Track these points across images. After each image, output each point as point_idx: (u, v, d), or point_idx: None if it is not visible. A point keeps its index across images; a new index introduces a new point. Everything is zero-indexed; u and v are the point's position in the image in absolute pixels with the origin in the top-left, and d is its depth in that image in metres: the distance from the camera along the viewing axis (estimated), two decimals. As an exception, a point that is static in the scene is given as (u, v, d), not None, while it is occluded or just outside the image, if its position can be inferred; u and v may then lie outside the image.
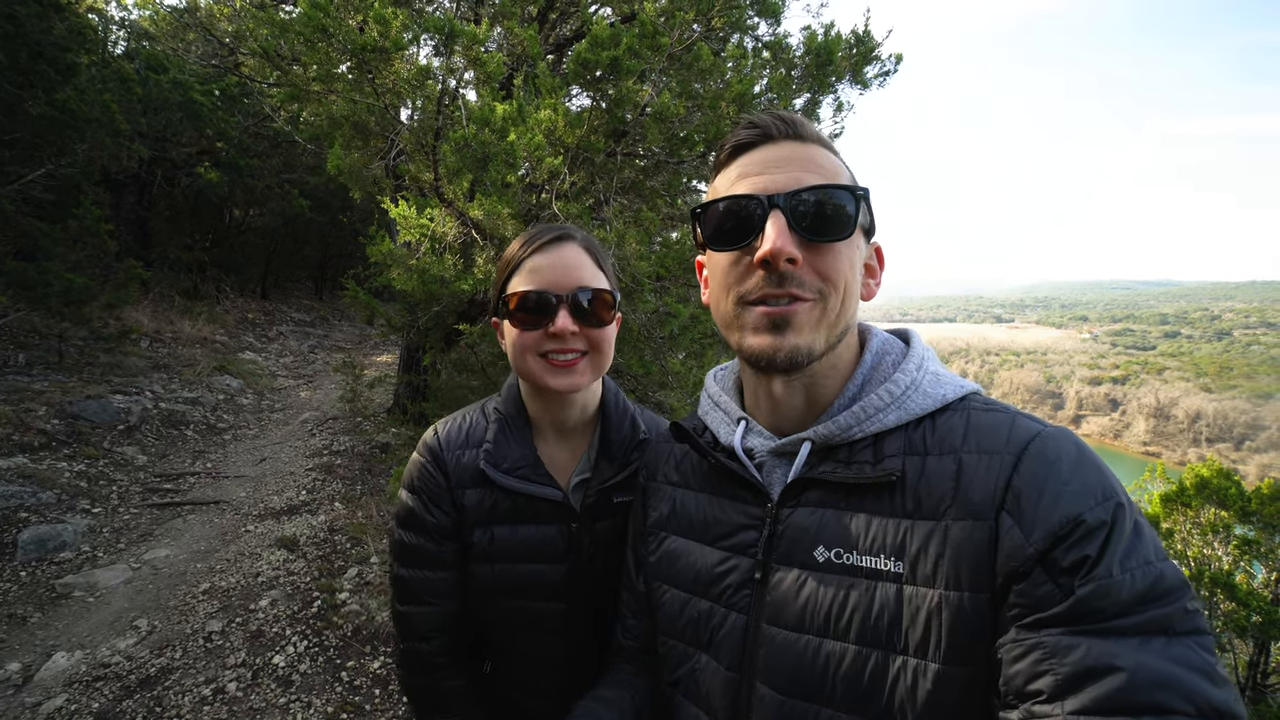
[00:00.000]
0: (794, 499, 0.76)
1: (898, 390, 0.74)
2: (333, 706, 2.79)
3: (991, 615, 0.61)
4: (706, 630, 0.80)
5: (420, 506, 1.04)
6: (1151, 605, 0.55)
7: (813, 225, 0.71)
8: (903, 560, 0.66)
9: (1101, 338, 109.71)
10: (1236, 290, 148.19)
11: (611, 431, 1.10)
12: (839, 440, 0.74)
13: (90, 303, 6.26)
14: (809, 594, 0.71)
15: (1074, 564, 0.57)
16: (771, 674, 0.72)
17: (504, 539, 1.03)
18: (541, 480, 1.04)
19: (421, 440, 1.10)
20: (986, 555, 0.62)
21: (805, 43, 3.97)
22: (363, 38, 2.87)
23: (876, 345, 0.81)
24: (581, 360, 1.00)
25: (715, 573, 0.80)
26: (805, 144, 0.75)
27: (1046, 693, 0.55)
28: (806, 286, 0.72)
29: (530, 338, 0.99)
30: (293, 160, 11.37)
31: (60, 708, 2.60)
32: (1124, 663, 0.52)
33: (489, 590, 1.05)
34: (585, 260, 1.02)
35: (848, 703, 0.67)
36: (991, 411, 0.71)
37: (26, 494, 4.12)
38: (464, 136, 2.87)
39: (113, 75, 7.83)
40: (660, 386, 4.44)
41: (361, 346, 12.39)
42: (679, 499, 0.90)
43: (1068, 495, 0.60)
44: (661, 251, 4.01)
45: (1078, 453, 0.63)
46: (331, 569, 3.85)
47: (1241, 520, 6.56)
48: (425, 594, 1.05)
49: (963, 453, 0.67)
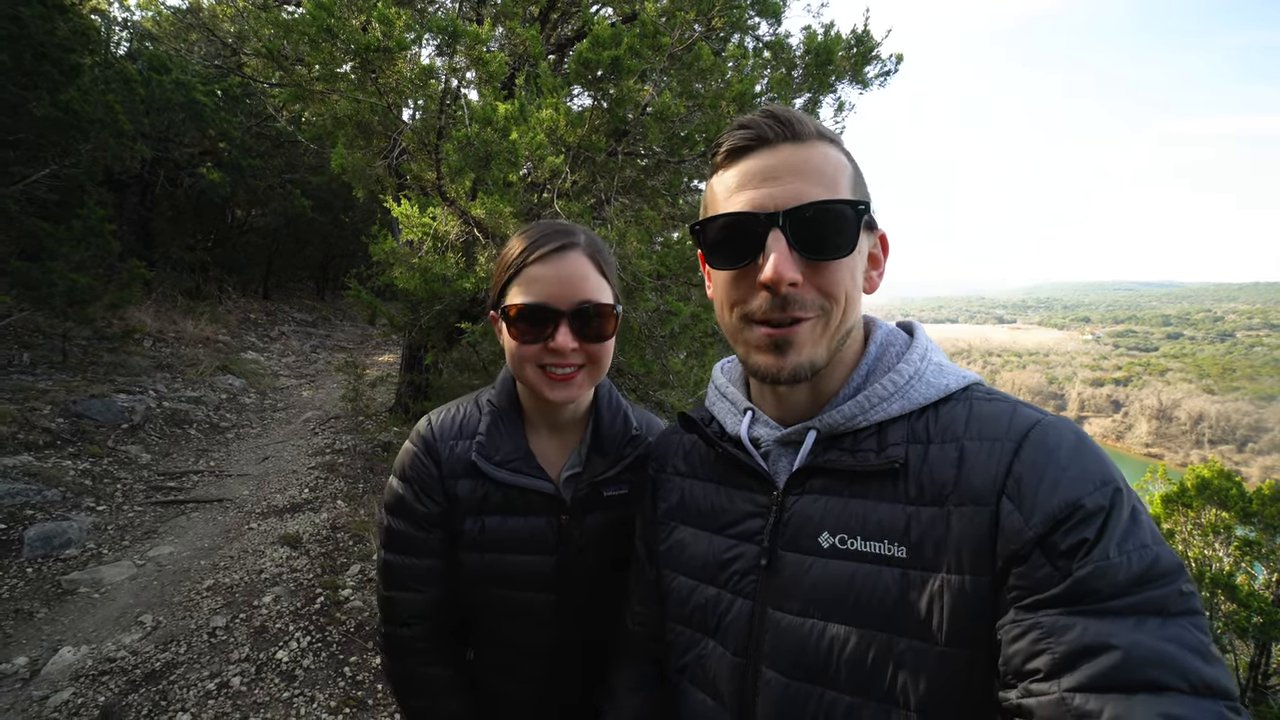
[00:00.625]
0: (799, 487, 0.77)
1: (901, 380, 0.75)
2: (335, 701, 2.81)
3: (992, 598, 0.62)
4: (714, 616, 0.81)
5: (410, 495, 1.05)
6: (1147, 587, 0.56)
7: (813, 244, 0.71)
8: (906, 545, 0.67)
9: (1104, 339, 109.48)
10: (1239, 291, 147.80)
11: (604, 427, 1.11)
12: (843, 429, 0.76)
13: (94, 302, 6.28)
14: (814, 579, 0.72)
15: (1072, 547, 0.58)
16: (777, 658, 0.74)
17: (494, 529, 1.04)
18: (533, 473, 1.04)
19: (415, 429, 1.10)
20: (987, 539, 0.63)
21: (805, 42, 3.98)
22: (366, 38, 2.90)
23: (881, 336, 0.82)
24: (579, 374, 1.00)
25: (722, 559, 0.82)
26: (803, 145, 0.73)
27: (1044, 671, 0.56)
28: (808, 306, 0.72)
29: (530, 350, 0.98)
30: (295, 160, 11.40)
31: (67, 701, 2.62)
32: (1119, 641, 0.54)
33: (477, 579, 1.06)
34: (589, 270, 1.00)
35: (852, 685, 0.68)
36: (993, 401, 0.72)
37: (32, 492, 4.14)
38: (466, 135, 2.89)
39: (116, 76, 7.86)
40: (661, 385, 4.46)
41: (364, 346, 12.42)
42: (687, 489, 0.92)
43: (1067, 481, 0.61)
44: (663, 251, 4.03)
45: (1077, 440, 0.65)
46: (334, 566, 3.88)
47: (1243, 521, 6.55)
48: (410, 580, 1.06)
49: (965, 440, 0.69)
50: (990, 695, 0.62)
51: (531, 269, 0.98)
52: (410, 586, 1.06)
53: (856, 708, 0.68)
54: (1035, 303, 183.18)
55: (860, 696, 0.67)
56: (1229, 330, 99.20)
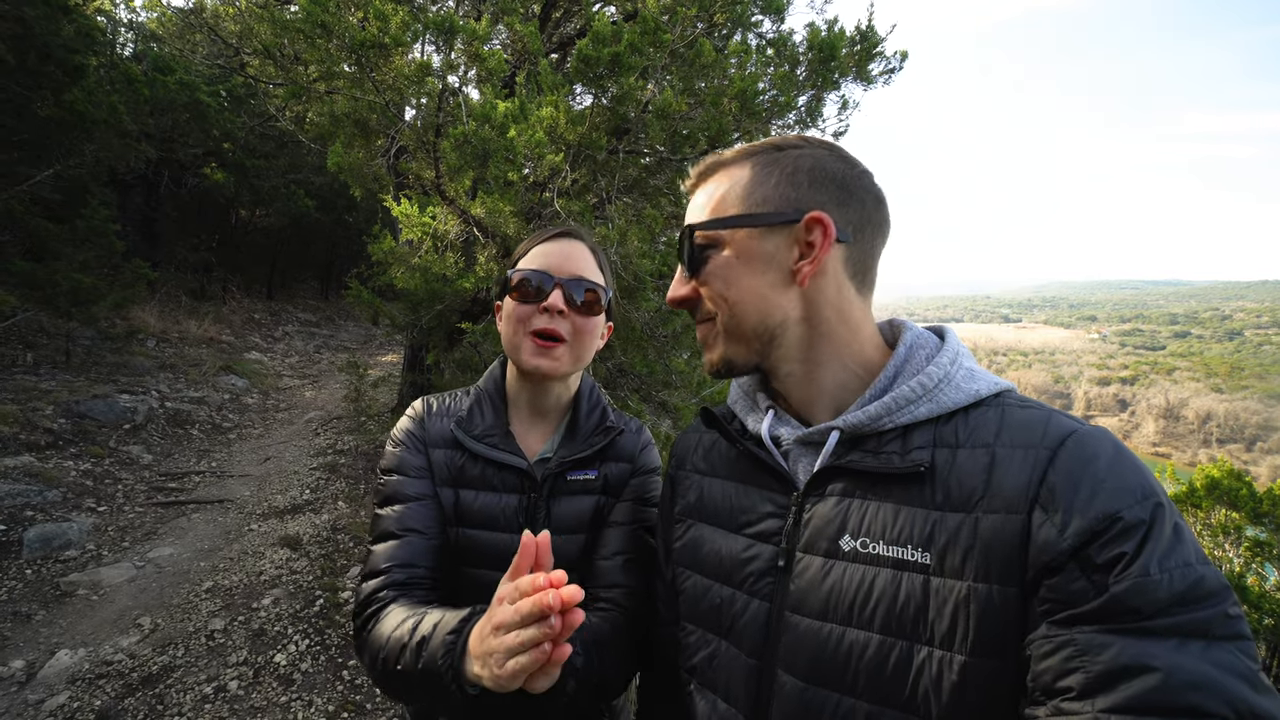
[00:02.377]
0: (820, 488, 0.76)
1: (930, 383, 0.73)
2: (334, 705, 2.78)
3: (1020, 609, 0.60)
4: (727, 617, 0.80)
5: (401, 450, 1.11)
6: (1191, 607, 0.53)
7: (690, 265, 0.84)
8: (930, 551, 0.65)
9: (1110, 338, 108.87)
10: (1247, 290, 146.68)
11: (580, 419, 1.17)
12: (868, 430, 0.74)
13: (97, 302, 6.30)
14: (833, 582, 0.71)
15: (1109, 561, 0.56)
16: (793, 662, 0.72)
17: (467, 503, 1.08)
18: (509, 449, 1.10)
19: (410, 405, 1.19)
20: (1017, 549, 0.61)
21: (809, 38, 3.94)
22: (363, 34, 2.87)
23: (910, 338, 0.80)
24: (562, 346, 1.07)
25: (739, 559, 0.81)
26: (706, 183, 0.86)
27: (1077, 690, 0.54)
28: (700, 311, 0.84)
29: (525, 310, 1.07)
30: (298, 161, 11.43)
31: (63, 705, 2.61)
32: (1160, 663, 0.51)
33: (452, 554, 1.08)
34: (587, 257, 1.11)
35: (870, 692, 0.66)
36: (1027, 408, 0.70)
37: (33, 492, 4.14)
38: (464, 133, 2.86)
39: (120, 77, 7.89)
40: (664, 385, 4.42)
41: (367, 346, 12.43)
42: (706, 487, 0.91)
43: (1105, 492, 0.59)
44: (665, 251, 4.00)
45: (1116, 451, 0.62)
46: (334, 568, 3.86)
47: (1253, 522, 6.47)
48: (393, 527, 1.05)
49: (996, 446, 0.67)
50: (1015, 709, 0.60)
51: (537, 248, 1.11)
52: (392, 534, 1.05)
53: (875, 715, 0.66)
54: (1041, 301, 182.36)
55: (879, 704, 0.66)
56: (1237, 329, 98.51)
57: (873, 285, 0.82)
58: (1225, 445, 59.86)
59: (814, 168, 0.79)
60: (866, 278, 0.81)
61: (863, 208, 0.79)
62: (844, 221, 0.78)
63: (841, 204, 0.77)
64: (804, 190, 0.78)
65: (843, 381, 0.80)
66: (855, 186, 0.79)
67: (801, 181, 0.78)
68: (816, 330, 0.79)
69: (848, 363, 0.80)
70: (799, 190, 0.78)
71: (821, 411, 0.81)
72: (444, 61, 3.39)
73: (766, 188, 0.79)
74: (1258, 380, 69.91)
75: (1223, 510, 6.68)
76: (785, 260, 0.78)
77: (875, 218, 0.80)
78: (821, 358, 0.80)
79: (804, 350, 0.80)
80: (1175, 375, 77.15)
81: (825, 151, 0.80)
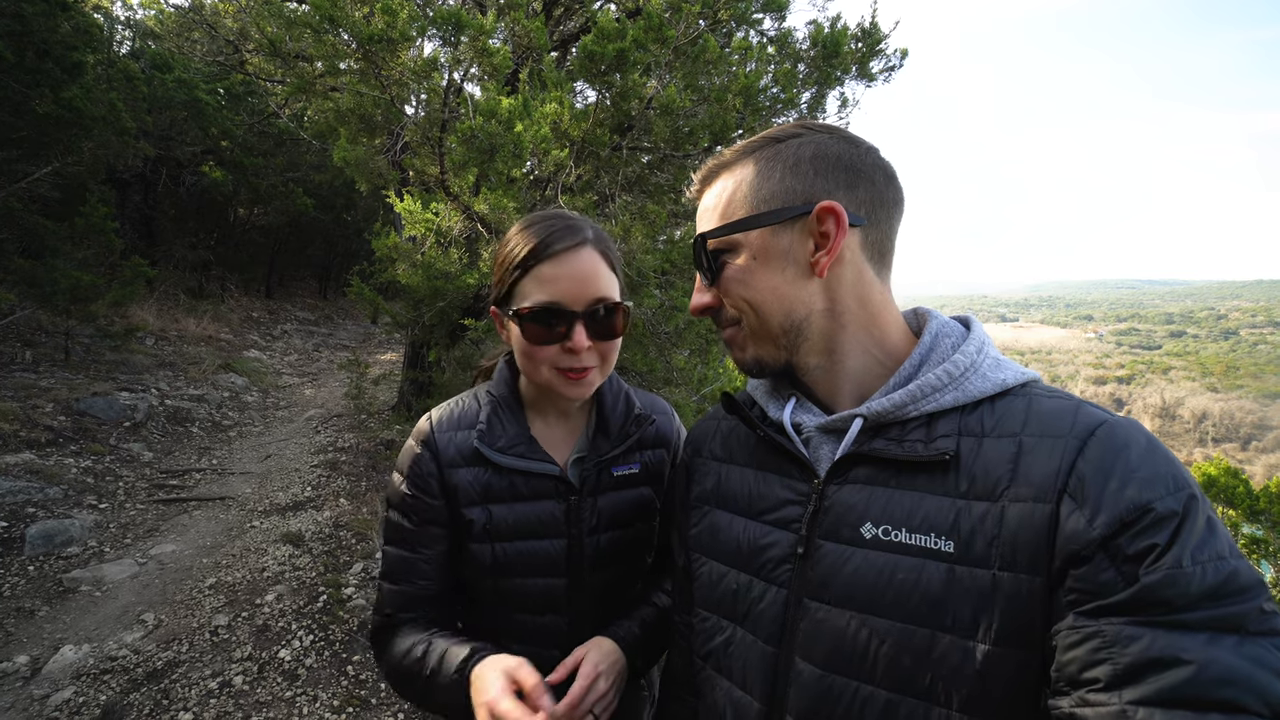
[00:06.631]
0: (842, 475, 0.75)
1: (956, 371, 0.72)
2: (338, 700, 2.79)
3: (1046, 599, 0.59)
4: (744, 603, 0.79)
5: (407, 489, 1.05)
6: (1224, 601, 0.52)
7: (708, 273, 0.84)
8: (954, 540, 0.64)
9: (1106, 337, 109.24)
10: (1243, 289, 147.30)
11: (607, 409, 1.12)
12: (892, 418, 0.73)
13: (96, 300, 6.28)
14: (854, 570, 0.70)
15: (1140, 552, 0.54)
16: (811, 649, 0.72)
17: (502, 517, 1.04)
18: (537, 457, 1.05)
19: (416, 425, 1.11)
20: (1044, 538, 0.60)
21: (813, 35, 3.95)
22: (370, 28, 2.87)
23: (935, 327, 0.80)
24: (592, 371, 1.01)
25: (757, 546, 0.80)
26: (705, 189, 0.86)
27: (1104, 681, 0.53)
28: (725, 317, 0.85)
29: (546, 352, 0.97)
30: (297, 159, 11.40)
31: (68, 700, 2.60)
32: (1192, 656, 0.50)
33: (489, 569, 1.05)
34: (600, 266, 0.99)
35: (890, 680, 0.66)
36: (1055, 398, 0.69)
37: (34, 490, 4.13)
38: (470, 128, 2.86)
39: (118, 74, 7.86)
40: (665, 383, 4.43)
41: (366, 344, 12.41)
42: (724, 473, 0.90)
43: (1136, 482, 0.58)
44: (667, 247, 4.00)
45: (1148, 442, 0.61)
46: (337, 564, 3.85)
47: (1249, 519, 6.50)
48: (401, 571, 1.06)
49: (1023, 436, 0.66)
50: (1038, 701, 0.59)
51: (542, 268, 0.96)
52: (400, 578, 1.06)
53: (894, 703, 0.65)
54: (1038, 301, 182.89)
55: (898, 692, 0.65)
56: (1232, 328, 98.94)
57: (891, 264, 0.82)
58: (1220, 444, 60.14)
59: (816, 155, 0.77)
60: (885, 258, 0.80)
61: (873, 186, 0.77)
62: (855, 204, 0.76)
63: (850, 187, 0.76)
64: (809, 180, 0.76)
65: (866, 369, 0.79)
66: (862, 166, 0.77)
67: (806, 171, 0.77)
68: (839, 321, 0.78)
69: (871, 350, 0.79)
70: (804, 181, 0.77)
71: (845, 399, 0.80)
72: (450, 57, 3.39)
73: (772, 184, 0.78)
74: (1252, 379, 70.24)
75: (1220, 507, 6.72)
76: (801, 254, 0.77)
77: (887, 195, 0.78)
78: (846, 348, 0.79)
79: (828, 342, 0.79)
80: (1171, 374, 77.48)
81: (826, 135, 0.79)
